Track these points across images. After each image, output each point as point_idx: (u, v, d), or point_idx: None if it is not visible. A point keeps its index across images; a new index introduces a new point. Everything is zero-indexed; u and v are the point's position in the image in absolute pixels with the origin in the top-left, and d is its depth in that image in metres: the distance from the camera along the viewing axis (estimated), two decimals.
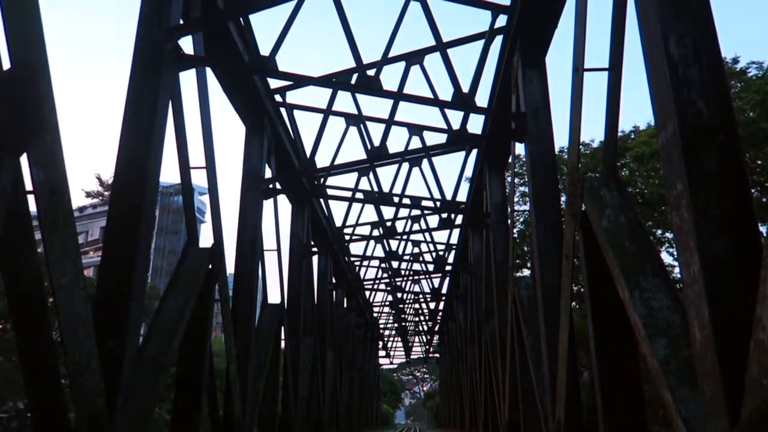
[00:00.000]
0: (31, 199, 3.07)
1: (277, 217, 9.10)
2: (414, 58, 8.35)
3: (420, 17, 7.35)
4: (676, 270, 14.64)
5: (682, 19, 2.93)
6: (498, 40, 7.37)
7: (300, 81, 7.17)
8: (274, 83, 8.53)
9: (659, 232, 18.56)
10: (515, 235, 18.34)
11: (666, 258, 18.52)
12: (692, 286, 2.57)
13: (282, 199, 10.54)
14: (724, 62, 16.95)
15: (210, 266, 5.61)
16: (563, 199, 6.31)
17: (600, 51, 4.44)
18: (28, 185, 3.02)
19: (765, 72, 17.17)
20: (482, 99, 8.05)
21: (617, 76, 4.28)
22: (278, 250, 9.17)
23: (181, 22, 5.41)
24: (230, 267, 7.27)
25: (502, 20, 7.08)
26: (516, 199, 22.10)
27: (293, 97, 9.24)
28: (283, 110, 9.18)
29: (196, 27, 5.57)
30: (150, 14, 4.86)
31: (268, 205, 8.50)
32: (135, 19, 4.81)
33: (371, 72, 6.95)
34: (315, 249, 12.23)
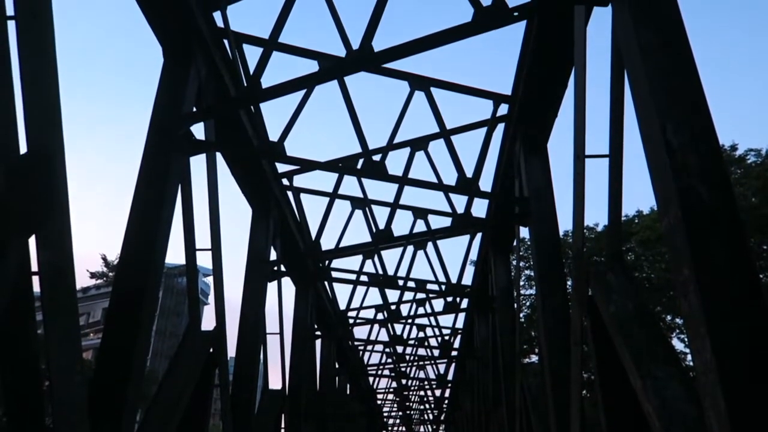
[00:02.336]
0: (35, 279, 3.07)
1: (281, 299, 9.03)
2: (419, 144, 8.57)
3: (424, 105, 7.62)
4: (689, 357, 14.26)
5: (679, 107, 3.03)
6: (500, 127, 7.59)
7: (307, 166, 7.33)
8: (281, 167, 8.73)
9: (668, 317, 18.25)
10: (522, 320, 18.03)
11: (677, 345, 18.08)
12: (706, 374, 2.50)
13: (286, 281, 10.50)
14: (722, 149, 17.29)
15: (211, 350, 5.50)
16: (569, 283, 6.25)
17: (601, 136, 4.55)
18: (34, 265, 3.03)
19: (764, 159, 17.47)
20: (486, 184, 8.20)
21: (618, 162, 4.36)
22: (281, 333, 9.03)
23: (194, 109, 5.62)
24: (231, 350, 7.14)
25: (503, 109, 7.32)
26: (522, 283, 21.92)
27: (300, 180, 9.44)
28: (289, 193, 9.34)
29: (209, 114, 5.78)
30: (165, 101, 5.06)
31: (271, 287, 8.46)
32: (144, 104, 5.00)
33: (377, 157, 7.11)
34: (318, 333, 12.04)
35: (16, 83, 2.99)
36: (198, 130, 5.64)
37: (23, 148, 3.01)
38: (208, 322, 6.25)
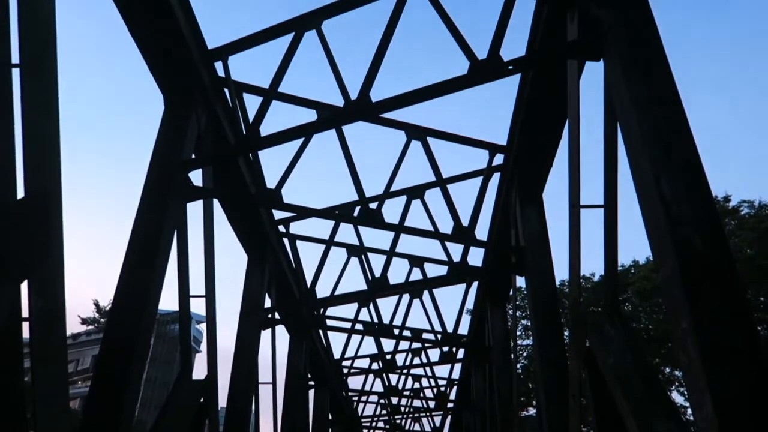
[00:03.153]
0: (24, 326, 3.02)
1: (275, 348, 8.89)
2: (415, 192, 8.62)
3: (421, 154, 7.71)
4: (689, 411, 14.00)
5: (672, 160, 3.07)
6: (496, 176, 7.66)
7: (304, 213, 7.35)
8: (278, 214, 8.74)
9: (667, 369, 18.01)
10: (519, 372, 17.74)
11: (677, 398, 17.77)
12: (707, 430, 2.45)
13: (280, 329, 10.36)
14: (715, 200, 17.46)
15: (201, 400, 5.38)
16: (567, 334, 6.19)
17: (597, 186, 4.60)
18: (25, 311, 2.99)
19: (757, 210, 17.63)
20: (482, 232, 8.21)
21: (613, 212, 4.39)
22: (274, 383, 8.85)
23: (193, 155, 5.67)
24: (222, 399, 6.97)
25: (499, 158, 7.41)
26: (519, 333, 21.67)
27: (296, 227, 9.44)
28: (285, 240, 9.32)
29: (208, 161, 5.83)
30: (165, 147, 5.11)
31: (265, 335, 8.34)
32: (142, 147, 5.05)
33: (373, 205, 7.15)
34: (312, 382, 11.80)
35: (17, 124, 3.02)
36: (196, 176, 5.68)
37: (21, 192, 3.02)
38: (199, 370, 6.13)
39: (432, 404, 16.82)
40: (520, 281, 6.86)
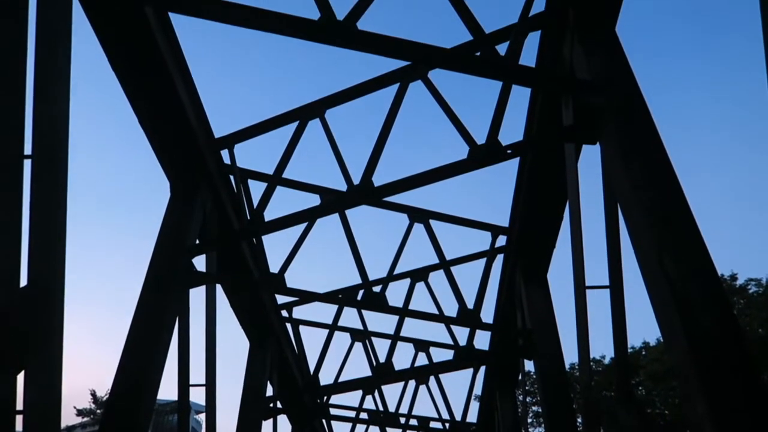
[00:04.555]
0: (18, 418, 2.92)
1: None
2: (419, 275, 8.58)
3: (424, 236, 7.73)
4: None
5: (674, 240, 3.07)
6: (500, 257, 7.65)
7: (307, 298, 7.30)
8: (281, 298, 8.66)
9: None
10: None
11: None
12: None
13: (282, 418, 9.99)
14: (721, 279, 17.31)
15: None
16: (579, 419, 5.96)
17: (603, 265, 4.56)
18: (19, 403, 2.90)
19: (765, 288, 17.43)
20: (487, 315, 8.09)
21: (619, 292, 4.35)
22: None
23: (197, 241, 5.70)
24: None
25: (502, 240, 7.43)
26: (530, 420, 20.86)
27: (299, 311, 9.33)
28: (288, 325, 9.18)
29: (212, 247, 5.85)
30: (169, 233, 5.15)
31: (266, 425, 8.04)
32: (144, 232, 5.07)
33: (377, 288, 7.09)
34: None
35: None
36: (199, 261, 5.69)
37: (23, 280, 3.01)
38: None
39: None
40: (529, 365, 6.69)
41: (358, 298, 7.20)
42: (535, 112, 5.19)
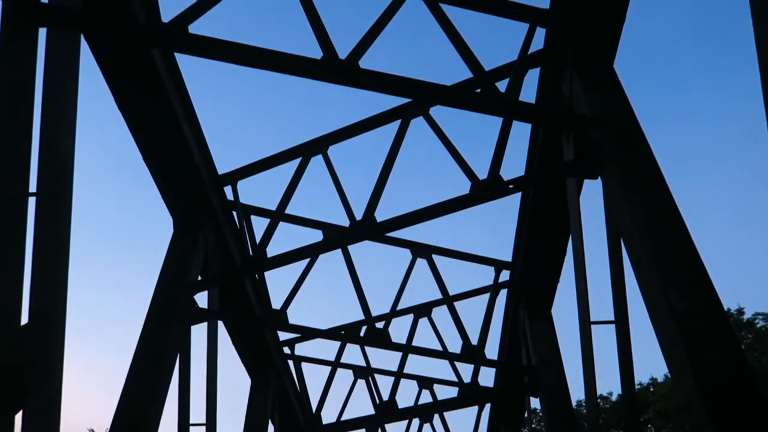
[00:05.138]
0: None
1: None
2: (422, 310, 8.51)
3: (427, 271, 7.69)
4: None
5: (679, 273, 3.05)
6: (504, 292, 7.59)
7: (309, 334, 7.24)
8: (283, 335, 8.58)
9: None
10: None
11: None
12: None
13: None
14: (728, 313, 17.13)
15: None
16: None
17: (608, 300, 4.51)
18: None
19: None
20: (492, 351, 7.99)
21: (625, 328, 4.29)
22: None
23: (199, 278, 5.68)
24: None
25: (505, 275, 7.39)
26: None
27: (301, 348, 9.23)
28: (290, 362, 9.07)
29: (214, 283, 5.83)
30: (172, 270, 5.14)
31: None
32: (143, 269, 5.07)
33: (380, 324, 7.03)
34: None
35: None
36: (200, 297, 5.66)
37: (24, 317, 3.00)
38: None
39: None
40: (535, 402, 6.58)
41: (361, 334, 7.13)
42: (536, 147, 5.23)
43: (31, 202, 3.16)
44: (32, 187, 3.19)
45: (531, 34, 4.73)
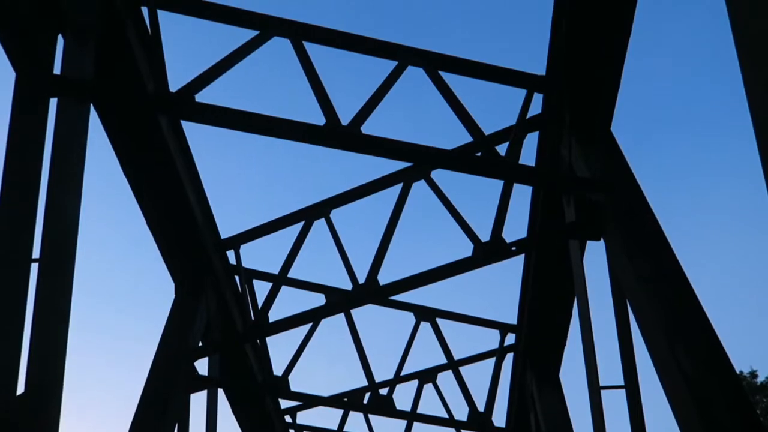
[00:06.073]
0: None
1: None
2: (427, 376, 8.31)
3: (431, 335, 7.57)
4: None
5: (688, 336, 3.00)
6: (510, 356, 7.44)
7: (311, 402, 7.06)
8: (284, 402, 8.35)
9: None
10: None
11: None
12: None
13: None
14: (741, 376, 16.71)
15: None
16: None
17: (618, 363, 4.41)
18: None
19: None
20: (500, 418, 7.75)
21: (635, 392, 4.18)
22: None
23: (200, 344, 5.60)
24: None
25: (511, 338, 7.27)
26: None
27: (303, 416, 8.97)
28: (291, 431, 8.79)
29: (215, 350, 5.74)
30: (172, 337, 5.08)
31: None
32: (142, 336, 5.00)
33: (384, 391, 6.86)
34: None
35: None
36: (200, 364, 5.55)
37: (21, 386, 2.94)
38: None
39: None
40: None
41: (365, 401, 6.94)
42: (538, 209, 5.26)
43: (34, 267, 3.16)
44: (35, 252, 3.20)
45: (529, 99, 4.86)
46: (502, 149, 4.66)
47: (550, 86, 4.69)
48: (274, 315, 5.92)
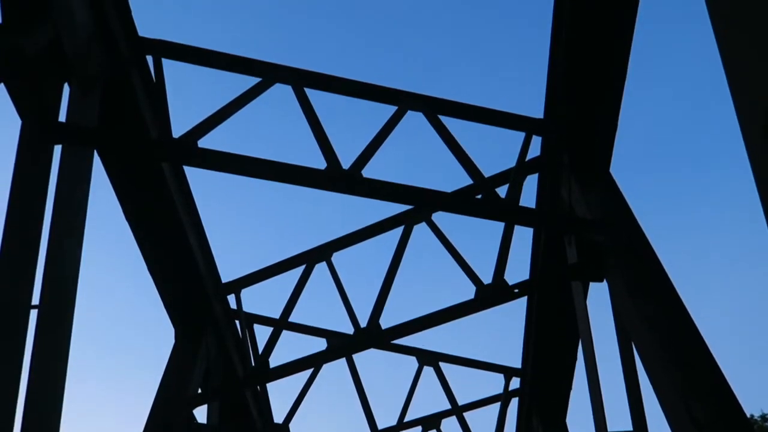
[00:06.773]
0: None
1: None
2: (431, 422, 8.13)
3: (434, 379, 7.44)
4: None
5: (695, 380, 2.95)
6: (515, 401, 7.30)
7: None
8: None
9: None
10: None
11: None
12: None
13: None
14: (752, 420, 16.33)
15: None
16: None
17: (626, 405, 4.32)
18: None
19: None
20: None
21: None
22: None
23: (200, 390, 5.50)
24: None
25: (516, 382, 7.15)
26: None
27: None
28: None
29: (215, 396, 5.65)
30: (172, 383, 4.99)
31: None
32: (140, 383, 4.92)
33: None
34: None
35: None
36: (200, 412, 5.45)
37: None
38: None
39: None
40: None
41: None
42: (539, 251, 5.25)
43: (33, 313, 3.14)
44: (35, 299, 3.18)
45: (528, 142, 4.91)
46: (502, 191, 4.68)
47: (549, 129, 4.75)
48: (275, 360, 5.83)
